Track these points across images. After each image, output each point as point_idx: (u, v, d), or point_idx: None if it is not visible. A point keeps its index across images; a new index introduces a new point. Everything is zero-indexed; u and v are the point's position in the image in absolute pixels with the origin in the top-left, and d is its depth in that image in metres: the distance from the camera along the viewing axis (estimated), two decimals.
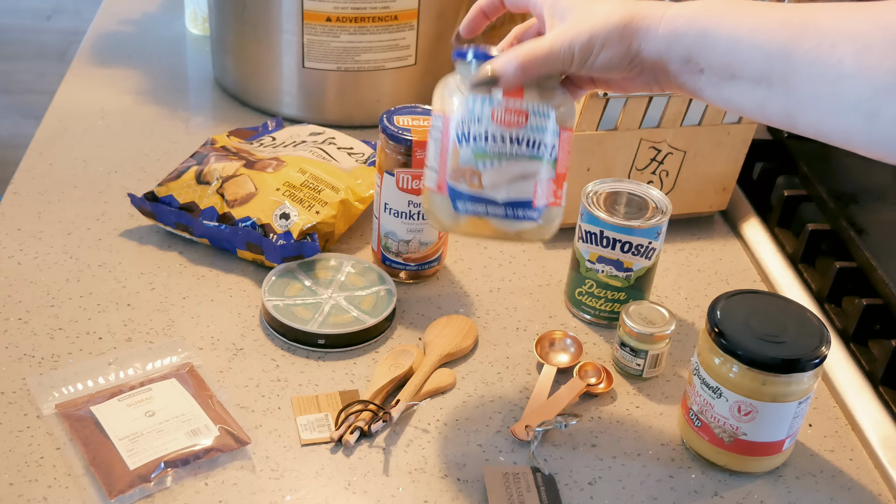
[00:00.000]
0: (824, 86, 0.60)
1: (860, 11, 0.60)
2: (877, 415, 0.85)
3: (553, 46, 0.68)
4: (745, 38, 0.63)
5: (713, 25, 0.65)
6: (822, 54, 0.60)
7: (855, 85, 0.59)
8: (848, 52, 0.59)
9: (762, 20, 0.63)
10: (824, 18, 0.61)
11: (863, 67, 0.59)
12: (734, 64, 0.64)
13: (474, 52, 0.72)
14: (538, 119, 0.72)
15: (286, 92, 1.21)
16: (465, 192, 0.72)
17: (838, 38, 0.60)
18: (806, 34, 0.61)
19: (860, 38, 0.59)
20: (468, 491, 0.76)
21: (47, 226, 1.01)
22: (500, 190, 0.72)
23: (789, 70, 0.61)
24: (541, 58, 0.69)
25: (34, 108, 3.20)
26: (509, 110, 0.71)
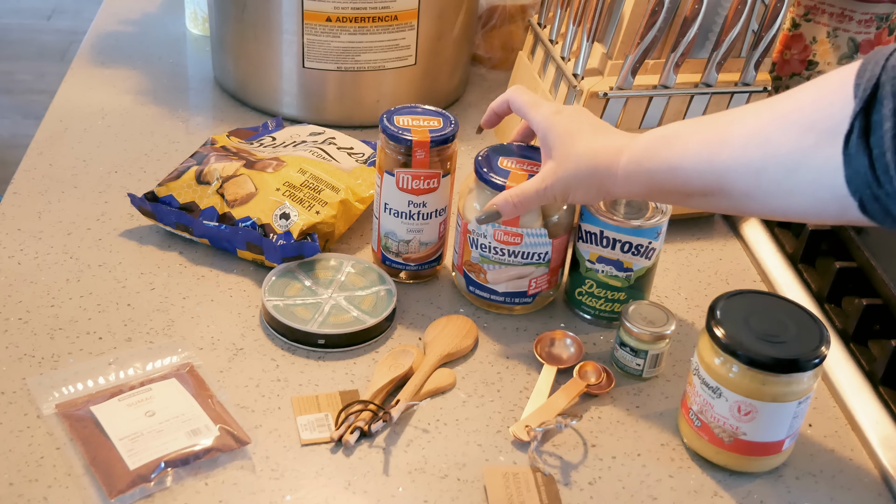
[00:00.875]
0: (748, 183, 0.70)
1: (761, 109, 0.70)
2: (877, 415, 0.85)
3: (538, 190, 0.83)
4: (679, 166, 0.74)
5: (654, 165, 0.76)
6: (736, 158, 0.70)
7: (767, 175, 0.68)
8: (755, 150, 0.69)
9: (687, 147, 0.74)
10: (734, 127, 0.71)
11: (767, 158, 0.68)
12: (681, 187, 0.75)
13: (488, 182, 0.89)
14: (532, 238, 0.89)
15: (286, 92, 1.21)
16: (474, 280, 0.93)
17: (745, 142, 0.70)
18: (723, 146, 0.71)
19: (761, 134, 0.69)
20: (468, 491, 0.76)
21: (47, 226, 1.01)
22: (501, 285, 0.92)
23: (719, 179, 0.72)
24: (530, 198, 0.84)
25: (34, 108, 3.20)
26: (507, 233, 0.89)
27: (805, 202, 0.68)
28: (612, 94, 0.98)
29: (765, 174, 0.68)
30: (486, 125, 0.93)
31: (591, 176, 0.80)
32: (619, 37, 0.98)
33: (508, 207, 0.85)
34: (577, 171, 0.80)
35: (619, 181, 0.79)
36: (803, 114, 0.66)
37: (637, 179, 0.78)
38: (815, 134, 0.65)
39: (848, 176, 0.63)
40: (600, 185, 0.80)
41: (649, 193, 0.79)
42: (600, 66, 1.00)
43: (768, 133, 0.68)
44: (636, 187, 0.78)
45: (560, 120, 0.83)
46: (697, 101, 1.01)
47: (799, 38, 1.20)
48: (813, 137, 0.65)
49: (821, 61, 1.19)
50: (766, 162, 0.68)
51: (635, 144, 0.78)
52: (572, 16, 1.01)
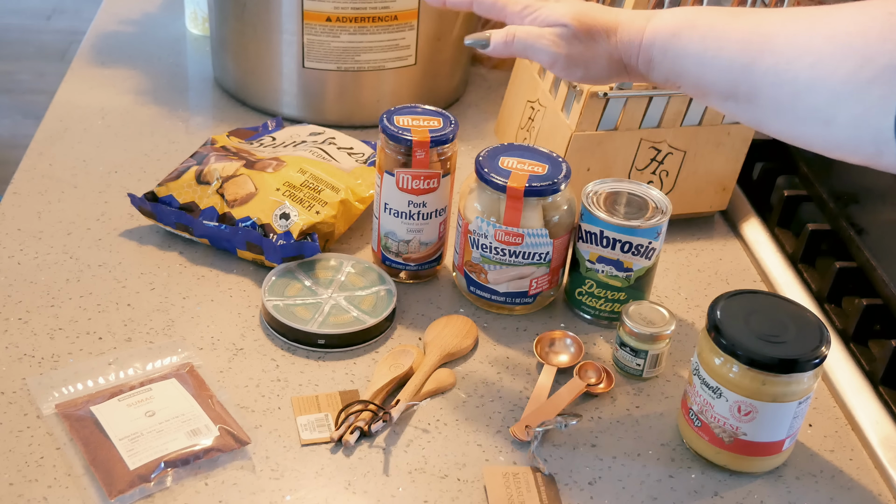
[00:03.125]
0: (784, 99, 0.66)
1: (813, 25, 0.65)
2: (877, 415, 0.85)
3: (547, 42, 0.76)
4: (710, 63, 0.69)
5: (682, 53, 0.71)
6: (779, 72, 0.65)
7: (810, 96, 0.64)
8: (802, 68, 0.64)
9: (724, 45, 0.69)
10: (780, 36, 0.66)
11: (815, 80, 0.63)
12: (705, 85, 0.71)
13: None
14: (533, 238, 0.88)
15: (286, 92, 1.21)
16: (475, 280, 0.92)
17: (793, 55, 0.65)
18: (763, 54, 0.66)
19: (813, 52, 0.64)
20: (468, 491, 0.76)
21: (47, 226, 1.01)
22: (502, 285, 0.91)
23: (752, 87, 0.67)
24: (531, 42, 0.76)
25: (34, 108, 3.20)
26: (508, 233, 0.88)
27: (840, 135, 0.63)
28: (612, 94, 0.98)
29: (806, 95, 0.64)
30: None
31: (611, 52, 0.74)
32: None
33: (499, 38, 0.78)
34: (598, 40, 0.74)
35: (640, 63, 0.74)
36: (867, 42, 0.61)
37: (659, 66, 0.72)
38: (874, 68, 0.60)
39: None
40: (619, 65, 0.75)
41: (671, 82, 0.74)
42: None
43: (821, 53, 0.63)
44: (658, 73, 0.73)
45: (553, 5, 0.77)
46: (697, 102, 1.01)
47: None
48: (871, 71, 0.60)
49: None
50: (812, 83, 0.63)
51: (660, 23, 0.72)
52: None
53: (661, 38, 0.72)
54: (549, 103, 1.05)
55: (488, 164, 0.90)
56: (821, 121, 0.64)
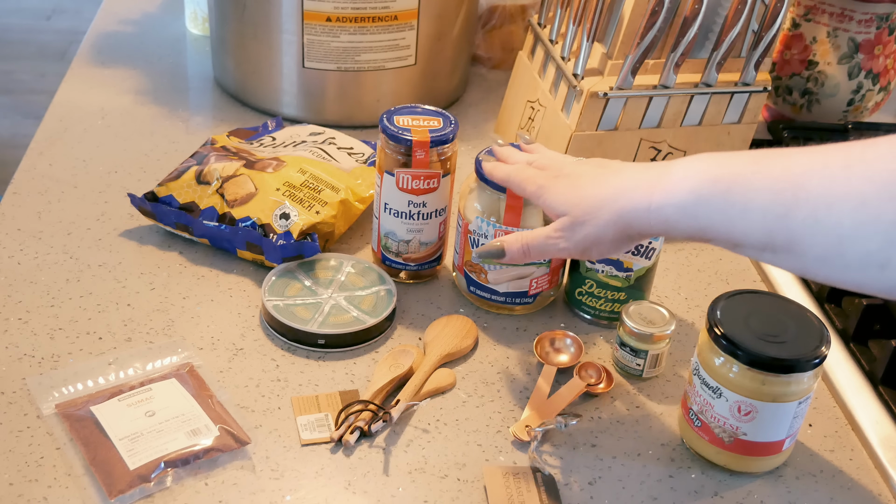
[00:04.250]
0: (828, 247, 0.61)
1: (849, 166, 0.60)
2: (877, 415, 0.85)
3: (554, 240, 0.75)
4: (741, 218, 0.64)
5: (706, 213, 0.66)
6: (819, 220, 0.60)
7: (858, 243, 0.59)
8: (846, 212, 0.59)
9: (752, 196, 0.63)
10: (814, 180, 0.61)
11: (862, 225, 0.59)
12: (736, 239, 0.66)
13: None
14: None
15: (286, 92, 1.21)
16: (475, 280, 0.93)
17: (833, 200, 0.60)
18: (799, 202, 0.61)
19: (854, 195, 0.59)
20: (468, 491, 0.76)
21: (47, 226, 1.01)
22: (501, 286, 0.92)
23: (790, 238, 0.62)
24: (541, 245, 0.77)
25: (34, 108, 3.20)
26: (508, 233, 0.87)
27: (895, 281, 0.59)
28: (612, 94, 0.98)
29: (854, 242, 0.59)
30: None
31: (615, 223, 0.71)
32: (619, 37, 0.98)
33: (515, 249, 0.79)
34: (597, 219, 0.72)
35: (654, 225, 0.69)
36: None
37: (680, 224, 0.67)
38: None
39: None
40: (628, 232, 0.71)
41: (693, 238, 0.69)
42: (600, 66, 1.00)
43: (864, 195, 0.58)
44: (678, 232, 0.68)
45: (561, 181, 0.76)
46: (697, 101, 1.01)
47: (799, 38, 1.20)
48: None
49: (821, 61, 1.19)
50: (858, 229, 0.59)
51: (673, 182, 0.67)
52: (572, 16, 1.01)
53: (677, 200, 0.67)
54: (549, 103, 1.05)
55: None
56: (875, 266, 0.59)
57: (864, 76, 1.19)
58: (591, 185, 0.73)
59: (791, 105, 1.24)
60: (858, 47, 1.18)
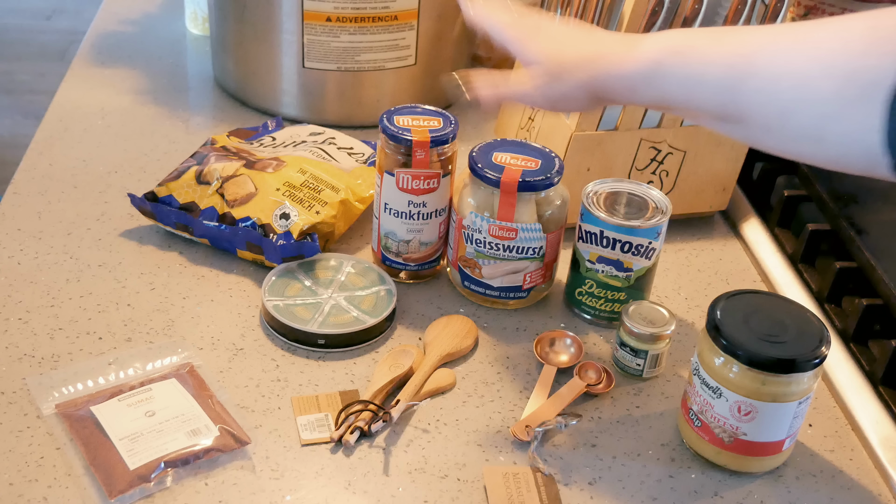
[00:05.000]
0: (772, 119, 0.65)
1: (796, 43, 0.64)
2: (877, 415, 0.85)
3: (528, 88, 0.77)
4: (696, 89, 0.68)
5: (666, 80, 0.69)
6: (765, 92, 0.64)
7: (797, 116, 0.63)
8: (787, 87, 0.63)
9: (708, 69, 0.68)
10: (763, 56, 0.65)
11: (801, 100, 0.62)
12: (693, 109, 0.70)
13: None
14: (526, 233, 0.89)
15: (286, 92, 1.21)
16: (469, 275, 0.93)
17: (777, 75, 0.64)
18: (748, 76, 0.65)
19: (796, 72, 0.63)
20: (468, 491, 0.76)
21: (47, 226, 1.01)
22: (496, 280, 0.92)
23: (740, 109, 0.66)
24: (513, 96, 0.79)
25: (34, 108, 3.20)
26: (502, 227, 0.89)
27: (832, 152, 0.63)
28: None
29: (794, 116, 0.63)
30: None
31: (587, 84, 0.73)
32: None
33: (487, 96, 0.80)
34: (571, 78, 0.74)
35: (621, 91, 0.72)
36: (848, 58, 0.60)
37: (643, 93, 0.71)
38: (858, 84, 0.59)
39: (890, 133, 0.58)
40: (598, 95, 0.74)
41: (654, 107, 0.74)
42: None
43: (805, 72, 0.62)
44: (641, 99, 0.73)
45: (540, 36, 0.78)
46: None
47: None
48: (855, 88, 0.59)
49: None
50: (798, 104, 0.62)
51: (641, 51, 0.71)
52: (572, 16, 1.01)
53: (642, 68, 0.70)
54: None
55: (482, 160, 0.90)
56: (811, 139, 0.63)
57: None
58: (571, 46, 0.75)
59: None
60: None
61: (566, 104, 0.77)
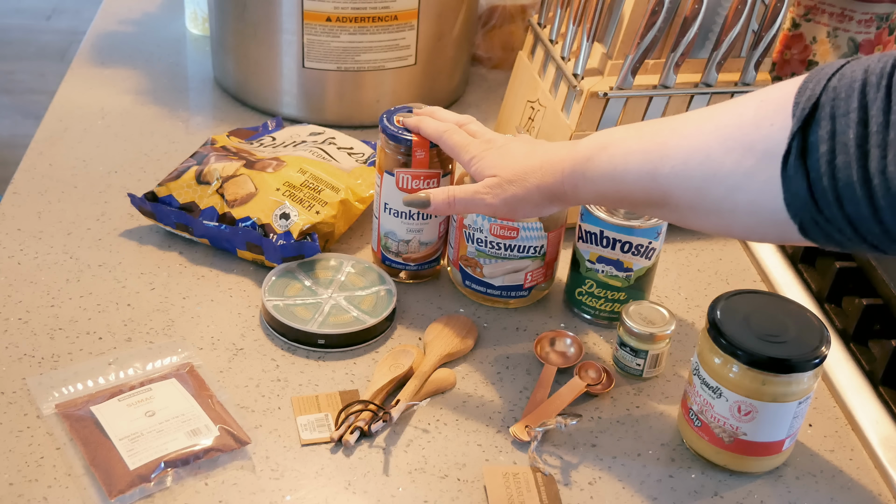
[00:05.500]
0: (690, 197, 0.68)
1: (701, 124, 0.68)
2: (877, 415, 0.85)
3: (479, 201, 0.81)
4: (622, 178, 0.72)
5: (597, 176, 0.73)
6: (678, 174, 0.68)
7: (710, 191, 0.66)
8: (696, 165, 0.66)
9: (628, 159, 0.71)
10: (673, 140, 0.69)
11: (709, 175, 0.66)
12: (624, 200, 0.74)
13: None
14: (528, 232, 0.89)
15: (286, 92, 1.21)
16: (470, 274, 0.93)
17: (687, 155, 0.67)
18: (663, 160, 0.68)
19: (702, 149, 0.66)
20: (468, 491, 0.76)
21: (47, 226, 1.01)
22: (497, 279, 0.93)
23: (661, 193, 0.69)
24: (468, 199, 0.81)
25: (34, 108, 3.20)
26: (503, 227, 0.89)
27: (746, 222, 0.66)
28: (612, 94, 0.98)
29: (706, 192, 0.66)
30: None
31: (538, 188, 0.78)
32: (619, 37, 0.98)
33: (440, 200, 0.83)
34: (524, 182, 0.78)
35: (567, 193, 0.77)
36: (744, 132, 0.64)
37: (584, 189, 0.75)
38: (754, 155, 0.63)
39: (787, 199, 0.61)
40: (550, 198, 0.78)
41: (599, 201, 0.79)
42: (600, 66, 1.00)
43: (709, 150, 0.66)
44: (585, 196, 0.77)
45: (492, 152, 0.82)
46: (697, 101, 1.01)
47: (799, 38, 1.20)
48: (752, 159, 0.63)
49: (821, 61, 1.19)
50: (706, 181, 0.66)
51: (576, 152, 0.76)
52: (572, 16, 1.01)
53: (579, 166, 0.75)
54: (549, 103, 1.05)
55: None
56: (726, 211, 0.66)
57: None
58: (521, 158, 0.80)
59: None
60: (858, 47, 1.17)
61: (524, 208, 0.79)
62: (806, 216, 0.61)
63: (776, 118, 0.62)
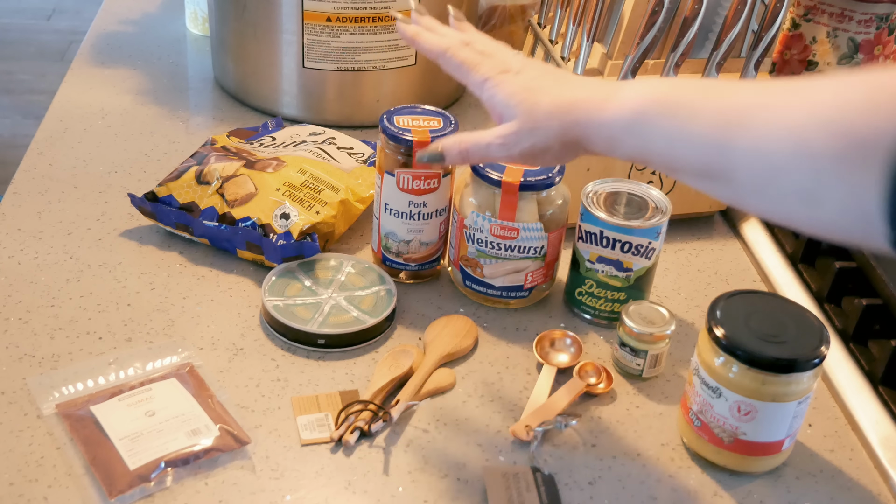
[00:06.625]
0: (764, 178, 0.60)
1: (792, 100, 0.60)
2: (877, 415, 0.85)
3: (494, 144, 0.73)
4: (682, 144, 0.64)
5: (649, 132, 0.65)
6: (758, 150, 0.60)
7: (792, 176, 0.58)
8: (783, 145, 0.59)
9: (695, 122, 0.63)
10: (756, 111, 0.61)
11: (797, 159, 0.58)
12: (675, 164, 0.65)
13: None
14: (528, 232, 0.89)
15: (286, 92, 1.21)
16: (470, 275, 0.93)
17: (773, 131, 0.59)
18: (740, 131, 0.61)
19: (794, 129, 0.59)
20: (468, 491, 0.76)
21: (47, 226, 1.01)
22: (497, 279, 0.92)
23: (728, 166, 0.62)
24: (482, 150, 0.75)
25: (34, 108, 3.20)
26: (503, 227, 0.89)
27: (826, 217, 0.58)
28: None
29: (788, 175, 0.58)
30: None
31: (564, 134, 0.69)
32: (619, 37, 0.98)
33: (454, 153, 0.76)
34: (546, 129, 0.69)
35: (599, 141, 0.68)
36: (851, 119, 0.56)
37: (623, 143, 0.67)
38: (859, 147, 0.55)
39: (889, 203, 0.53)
40: (575, 145, 0.70)
41: (634, 159, 0.69)
42: (600, 66, 1.00)
43: (804, 130, 0.58)
44: (621, 150, 0.68)
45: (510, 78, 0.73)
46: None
47: (799, 38, 1.20)
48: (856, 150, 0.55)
49: (821, 61, 1.19)
50: (794, 162, 0.58)
51: (623, 99, 0.66)
52: (572, 16, 1.01)
53: (624, 117, 0.66)
54: None
55: None
56: (805, 202, 0.59)
57: None
58: (545, 92, 0.71)
59: None
60: (858, 47, 1.18)
61: (542, 158, 0.72)
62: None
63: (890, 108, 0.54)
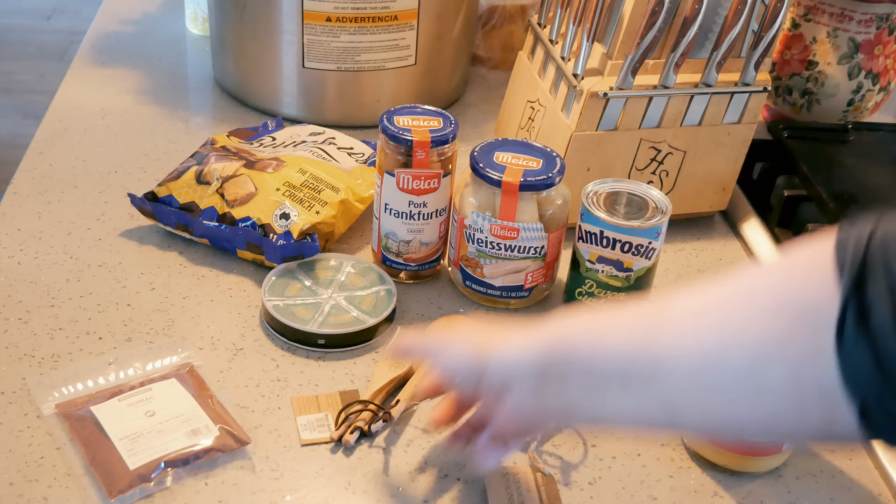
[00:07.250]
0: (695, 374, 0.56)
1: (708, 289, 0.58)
2: None
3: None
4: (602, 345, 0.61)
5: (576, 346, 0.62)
6: (684, 336, 0.57)
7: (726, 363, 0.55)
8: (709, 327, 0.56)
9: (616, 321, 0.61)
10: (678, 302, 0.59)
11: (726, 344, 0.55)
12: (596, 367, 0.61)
13: None
14: (528, 232, 0.89)
15: (286, 92, 1.21)
16: (471, 275, 0.93)
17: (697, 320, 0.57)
18: (663, 325, 0.58)
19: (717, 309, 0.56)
20: (468, 491, 0.76)
21: (47, 226, 1.01)
22: (497, 279, 0.92)
23: (654, 365, 0.57)
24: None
25: (34, 108, 3.20)
26: (504, 227, 0.89)
27: (779, 404, 0.54)
28: (612, 94, 0.98)
29: (721, 364, 0.54)
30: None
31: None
32: (619, 37, 0.98)
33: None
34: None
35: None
36: (772, 295, 0.54)
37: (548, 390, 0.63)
38: (791, 320, 0.52)
39: (846, 374, 0.50)
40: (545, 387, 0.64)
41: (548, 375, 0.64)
42: (600, 66, 1.00)
43: (727, 313, 0.55)
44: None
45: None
46: (697, 101, 1.01)
47: (799, 38, 1.20)
48: (788, 324, 0.52)
49: (821, 61, 1.19)
50: (723, 350, 0.54)
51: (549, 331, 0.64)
52: (572, 16, 1.01)
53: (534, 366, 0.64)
54: (549, 103, 1.05)
55: (483, 159, 0.90)
56: (749, 389, 0.54)
57: (864, 76, 1.19)
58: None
59: (791, 105, 1.24)
60: (858, 47, 1.18)
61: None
62: (871, 394, 0.50)
63: (811, 280, 0.52)
